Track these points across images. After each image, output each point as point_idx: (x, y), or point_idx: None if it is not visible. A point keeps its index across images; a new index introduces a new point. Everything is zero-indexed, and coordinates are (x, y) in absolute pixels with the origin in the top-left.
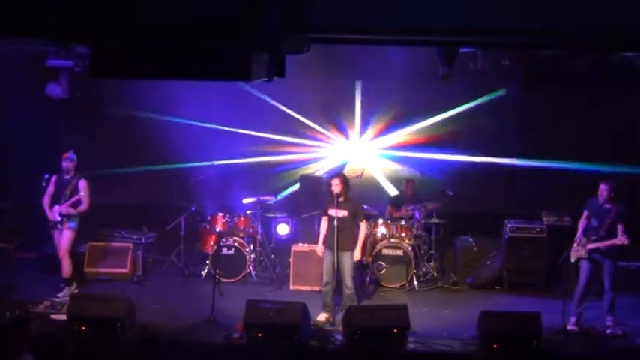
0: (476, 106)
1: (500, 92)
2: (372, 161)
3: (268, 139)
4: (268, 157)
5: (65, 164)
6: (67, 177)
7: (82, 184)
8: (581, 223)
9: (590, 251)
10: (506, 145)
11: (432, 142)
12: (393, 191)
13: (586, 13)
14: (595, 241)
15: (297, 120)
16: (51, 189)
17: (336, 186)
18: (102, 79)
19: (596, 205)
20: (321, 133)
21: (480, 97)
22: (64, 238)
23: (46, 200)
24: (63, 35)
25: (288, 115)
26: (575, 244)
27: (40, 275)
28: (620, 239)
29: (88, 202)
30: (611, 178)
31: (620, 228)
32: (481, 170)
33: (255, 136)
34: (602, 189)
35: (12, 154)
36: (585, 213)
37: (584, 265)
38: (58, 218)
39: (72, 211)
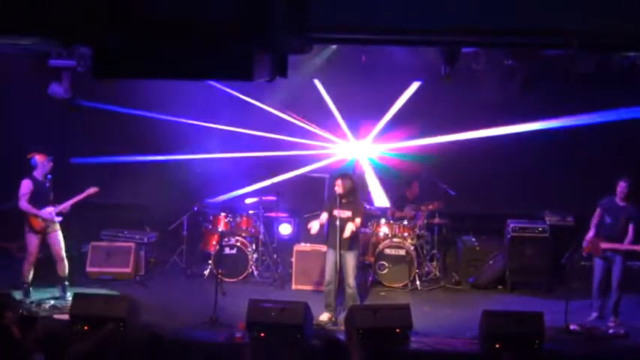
0: (477, 106)
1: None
2: (374, 161)
3: (270, 138)
4: (270, 154)
5: (49, 165)
6: (41, 179)
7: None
8: (594, 221)
9: (605, 250)
10: (507, 145)
11: (433, 142)
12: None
13: (587, 13)
14: (609, 238)
15: (300, 120)
16: (28, 195)
17: (339, 187)
18: (104, 79)
19: (611, 203)
20: (324, 133)
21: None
22: (59, 241)
23: (29, 205)
24: (65, 35)
25: (291, 115)
26: (586, 241)
27: (42, 276)
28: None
29: (87, 193)
30: (629, 175)
31: (631, 228)
32: (483, 170)
33: (257, 136)
34: (622, 185)
35: (15, 154)
36: (598, 210)
37: (598, 262)
38: (59, 218)
39: (68, 210)
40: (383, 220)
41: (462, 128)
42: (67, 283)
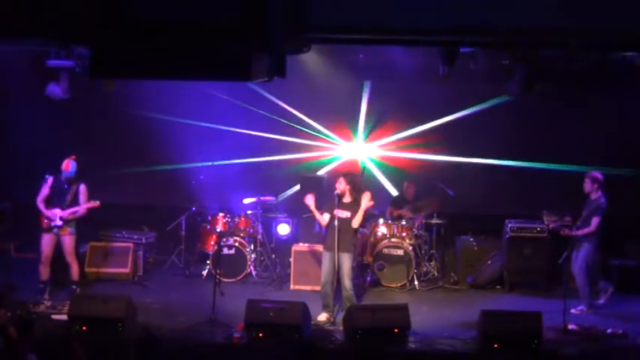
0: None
1: (504, 98)
2: (373, 161)
3: (270, 139)
4: (270, 156)
5: (65, 176)
6: (64, 181)
7: (83, 189)
8: None
9: (573, 238)
10: (506, 145)
11: (433, 141)
12: (393, 191)
13: (586, 13)
14: (578, 229)
15: (299, 121)
16: (46, 191)
17: (341, 184)
18: (101, 79)
19: (588, 196)
20: (323, 134)
21: (482, 99)
22: (68, 244)
23: (42, 203)
24: (63, 35)
25: (290, 116)
26: None
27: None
28: (584, 229)
29: (86, 206)
30: (593, 171)
31: (593, 220)
32: (481, 170)
33: (256, 137)
34: (585, 180)
35: (12, 154)
36: None
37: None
38: (60, 223)
39: (73, 217)
40: (381, 220)
41: (461, 129)
42: (74, 287)
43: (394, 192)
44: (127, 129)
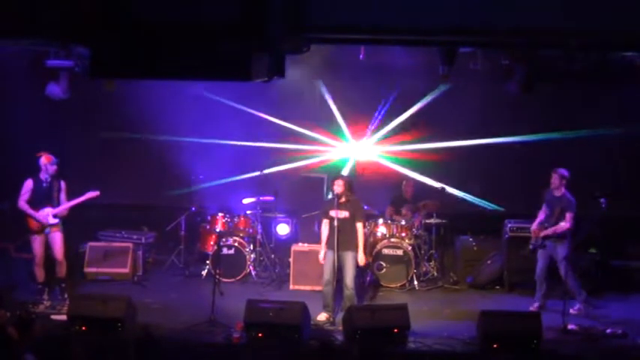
0: (474, 106)
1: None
2: (372, 161)
3: (269, 146)
4: (271, 166)
5: (52, 168)
6: (47, 179)
7: (64, 186)
8: (540, 214)
9: (544, 238)
10: (505, 145)
11: (431, 142)
12: (408, 173)
13: (586, 13)
14: (546, 228)
15: (297, 122)
16: (27, 194)
17: (338, 186)
18: (102, 79)
19: (548, 194)
20: (322, 134)
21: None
22: (59, 241)
23: (27, 205)
24: (63, 35)
25: (288, 117)
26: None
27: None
28: (561, 225)
29: (87, 197)
30: (562, 167)
31: (568, 216)
32: (481, 170)
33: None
34: (553, 177)
35: (12, 154)
36: (544, 204)
37: (540, 252)
38: (55, 221)
39: (66, 213)
40: (380, 221)
41: (461, 130)
42: (63, 285)
43: (409, 173)
44: (126, 129)
